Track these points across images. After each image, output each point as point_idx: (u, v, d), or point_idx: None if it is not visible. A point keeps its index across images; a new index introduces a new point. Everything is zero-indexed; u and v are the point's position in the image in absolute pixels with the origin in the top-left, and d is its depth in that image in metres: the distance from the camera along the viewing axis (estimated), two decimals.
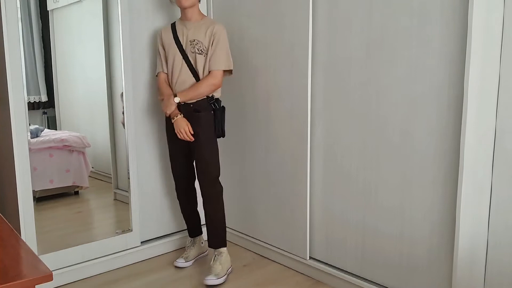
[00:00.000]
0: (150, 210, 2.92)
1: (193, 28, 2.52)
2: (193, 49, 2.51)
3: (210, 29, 2.50)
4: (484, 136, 1.87)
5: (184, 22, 2.56)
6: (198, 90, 2.48)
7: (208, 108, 2.53)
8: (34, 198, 2.40)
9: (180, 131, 2.48)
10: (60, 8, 2.73)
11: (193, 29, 2.52)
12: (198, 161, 2.58)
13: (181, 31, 2.55)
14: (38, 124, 2.74)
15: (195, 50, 2.50)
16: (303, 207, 2.58)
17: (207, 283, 2.52)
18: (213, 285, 2.52)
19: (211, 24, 2.52)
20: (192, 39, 2.51)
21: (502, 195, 1.88)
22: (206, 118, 2.52)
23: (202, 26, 2.53)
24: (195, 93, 2.49)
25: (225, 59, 2.52)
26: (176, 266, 2.74)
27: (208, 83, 2.49)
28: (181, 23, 2.57)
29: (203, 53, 2.50)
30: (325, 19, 2.37)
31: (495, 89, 1.85)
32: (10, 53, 2.25)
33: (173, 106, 2.48)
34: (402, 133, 2.11)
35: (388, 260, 2.24)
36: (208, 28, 2.50)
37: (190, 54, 2.52)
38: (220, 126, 2.56)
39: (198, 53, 2.50)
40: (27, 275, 1.11)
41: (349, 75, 2.30)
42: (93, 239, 2.68)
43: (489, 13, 1.80)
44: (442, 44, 1.92)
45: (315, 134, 2.49)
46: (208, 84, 2.49)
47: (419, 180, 2.07)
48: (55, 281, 2.44)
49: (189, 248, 2.83)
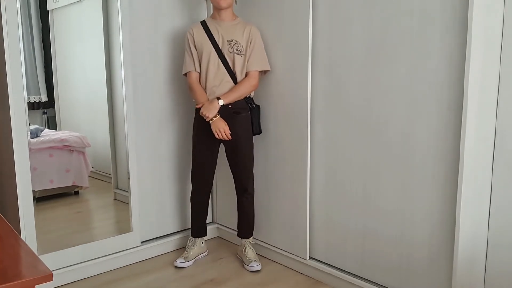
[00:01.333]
0: (150, 210, 2.92)
1: (229, 28, 2.55)
2: (231, 49, 2.53)
3: (247, 30, 2.55)
4: (484, 137, 1.87)
5: (217, 21, 2.58)
6: (239, 92, 2.54)
7: (245, 109, 2.60)
8: (34, 198, 2.40)
9: (220, 131, 2.51)
10: (60, 8, 2.73)
11: (229, 29, 2.55)
12: (239, 160, 2.66)
13: (215, 30, 2.56)
14: (38, 124, 2.74)
15: (233, 50, 2.53)
16: (303, 207, 2.58)
17: (255, 269, 2.67)
18: (259, 270, 2.68)
19: (247, 25, 2.57)
20: (230, 39, 2.53)
21: (502, 195, 1.88)
22: (245, 118, 2.61)
23: (238, 26, 2.56)
24: (238, 95, 2.54)
25: (262, 60, 2.58)
26: (176, 266, 2.75)
27: (249, 85, 2.56)
28: (214, 22, 2.58)
29: (241, 53, 2.54)
30: (325, 19, 2.37)
31: (495, 89, 1.85)
32: (10, 53, 2.25)
33: (216, 110, 2.51)
34: (402, 134, 2.11)
35: (388, 261, 2.24)
36: (245, 29, 2.55)
37: (227, 54, 2.54)
38: (257, 124, 2.65)
39: (236, 53, 2.53)
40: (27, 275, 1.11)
41: (349, 75, 2.30)
42: (93, 239, 2.68)
43: (489, 13, 1.80)
44: (442, 44, 1.92)
45: (315, 134, 2.49)
46: (249, 85, 2.56)
47: (419, 181, 2.07)
48: (55, 281, 2.44)
49: (189, 248, 2.83)
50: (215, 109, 2.50)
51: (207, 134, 2.58)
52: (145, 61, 2.78)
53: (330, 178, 2.46)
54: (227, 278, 2.62)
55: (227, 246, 3.05)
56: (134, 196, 2.79)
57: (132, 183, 2.77)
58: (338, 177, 2.42)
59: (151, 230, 2.93)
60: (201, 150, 2.68)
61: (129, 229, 2.79)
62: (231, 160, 2.71)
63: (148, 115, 2.84)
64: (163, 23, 2.82)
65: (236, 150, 2.64)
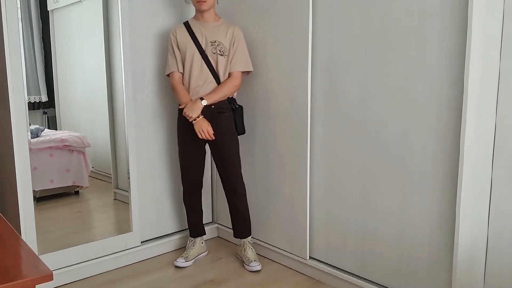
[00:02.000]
0: (150, 210, 2.92)
1: (212, 29, 2.56)
2: (214, 50, 2.54)
3: (230, 31, 2.56)
4: (483, 136, 1.87)
5: (201, 22, 2.59)
6: (222, 93, 2.55)
7: (229, 108, 2.61)
8: (34, 198, 2.40)
9: (202, 131, 2.51)
10: (60, 8, 2.74)
11: (212, 30, 2.56)
12: (225, 159, 2.65)
13: (198, 31, 2.57)
14: (39, 124, 2.75)
15: (216, 51, 2.54)
16: (303, 207, 2.59)
17: (255, 269, 2.67)
18: (259, 270, 2.68)
19: (230, 26, 2.59)
20: (213, 40, 2.54)
21: (502, 196, 1.88)
22: (229, 118, 2.62)
23: (221, 27, 2.57)
24: (221, 95, 2.55)
25: (245, 61, 2.60)
26: (176, 265, 2.75)
27: (232, 85, 2.57)
28: (197, 23, 2.59)
29: (224, 54, 2.55)
30: (325, 19, 2.37)
31: (495, 89, 1.85)
32: (11, 53, 2.25)
33: (199, 110, 2.51)
34: (401, 133, 2.11)
35: (387, 261, 2.24)
36: (228, 30, 2.56)
37: (211, 55, 2.55)
38: (240, 124, 2.66)
39: (219, 54, 2.54)
40: (27, 275, 1.11)
41: (349, 75, 2.30)
42: (93, 239, 2.68)
43: (488, 13, 1.80)
44: (442, 44, 1.92)
45: (315, 134, 2.50)
46: (232, 86, 2.57)
47: (418, 181, 2.07)
48: (55, 281, 2.44)
49: (189, 248, 2.83)
50: (199, 109, 2.50)
51: (191, 135, 2.58)
52: (145, 61, 2.79)
53: (330, 178, 2.46)
54: (227, 278, 2.62)
55: (227, 246, 3.05)
56: (134, 196, 2.79)
57: (132, 183, 2.77)
58: (338, 177, 2.42)
59: (151, 230, 2.93)
60: (187, 151, 2.68)
61: (129, 229, 2.79)
62: (217, 161, 2.71)
63: (148, 115, 2.85)
64: (163, 23, 2.83)
65: (222, 149, 2.64)
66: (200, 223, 2.87)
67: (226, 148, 2.63)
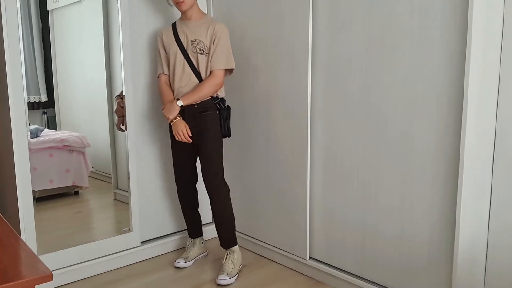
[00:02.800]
0: (150, 210, 2.92)
1: (194, 28, 2.51)
2: (194, 49, 2.49)
3: (211, 28, 2.48)
4: (484, 136, 1.87)
5: (184, 21, 2.55)
6: (201, 92, 2.46)
7: (213, 108, 2.51)
8: (34, 198, 2.40)
9: (178, 133, 2.46)
10: (60, 8, 2.73)
11: (193, 28, 2.51)
12: (205, 161, 2.55)
13: (181, 31, 2.53)
14: (38, 124, 2.74)
15: (196, 50, 2.49)
16: (303, 207, 2.58)
17: (220, 283, 2.51)
18: (226, 284, 2.51)
19: (211, 23, 2.50)
20: (193, 39, 2.49)
21: (502, 195, 1.88)
22: (212, 117, 2.51)
23: (203, 25, 2.51)
24: (198, 95, 2.47)
25: (226, 58, 2.50)
26: (176, 266, 2.74)
27: (210, 84, 2.47)
28: (181, 23, 2.56)
29: (204, 53, 2.48)
30: (325, 19, 2.37)
31: (495, 88, 1.85)
32: (10, 53, 2.25)
33: (176, 111, 2.46)
34: (402, 133, 2.11)
35: (388, 260, 2.24)
36: (209, 28, 2.49)
37: (191, 54, 2.50)
38: (226, 125, 2.55)
39: (199, 53, 2.49)
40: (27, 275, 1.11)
41: (349, 75, 2.30)
42: (93, 239, 2.68)
43: (489, 13, 1.80)
44: (442, 43, 1.92)
45: (315, 134, 2.49)
46: (211, 84, 2.47)
47: (419, 180, 2.07)
48: (55, 281, 2.44)
49: (189, 248, 2.82)
50: (175, 111, 2.45)
51: None
52: (145, 61, 2.78)
53: (330, 178, 2.46)
54: None
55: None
56: (134, 196, 2.79)
57: (132, 183, 2.77)
58: (338, 177, 2.42)
59: (151, 230, 2.93)
60: (177, 152, 2.64)
61: (129, 229, 2.79)
62: (201, 163, 2.59)
63: (148, 115, 2.85)
64: (163, 22, 2.82)
65: (202, 150, 2.54)
66: (197, 224, 2.84)
67: (206, 148, 2.53)
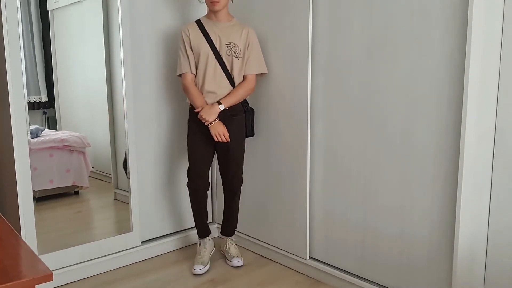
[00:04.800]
0: (150, 210, 2.92)
1: (226, 30, 2.51)
2: (229, 52, 2.50)
3: (244, 32, 2.52)
4: (484, 136, 1.87)
5: (213, 22, 2.53)
6: (238, 96, 2.54)
7: (241, 112, 2.61)
8: (34, 198, 2.40)
9: (219, 134, 2.49)
10: (60, 8, 2.73)
11: (226, 30, 2.51)
12: (230, 162, 2.64)
13: (212, 31, 2.51)
14: (38, 124, 2.74)
15: (231, 53, 2.50)
16: (303, 207, 2.59)
17: (238, 265, 2.73)
18: (241, 265, 2.74)
19: (244, 27, 2.55)
20: (228, 41, 2.49)
21: (502, 194, 1.88)
22: (240, 120, 2.62)
23: (235, 28, 2.53)
24: (237, 99, 2.54)
25: (261, 63, 2.59)
26: (196, 274, 2.63)
27: (246, 88, 2.56)
28: (210, 23, 2.53)
29: (238, 56, 2.51)
30: (325, 19, 2.37)
31: (495, 88, 1.85)
32: (10, 53, 2.25)
33: (216, 114, 2.49)
34: (402, 133, 2.11)
35: (388, 259, 2.24)
36: (242, 31, 2.52)
37: (225, 57, 2.51)
38: (250, 126, 2.67)
39: (234, 56, 2.50)
40: (27, 275, 1.11)
41: (349, 75, 2.30)
42: (93, 239, 2.68)
43: (489, 13, 1.80)
44: (442, 44, 1.92)
45: (315, 134, 2.50)
46: (246, 89, 2.56)
47: (419, 180, 2.08)
48: (55, 281, 2.44)
49: (202, 251, 2.74)
50: (216, 114, 2.48)
51: (205, 136, 2.55)
52: (145, 61, 2.79)
53: (330, 178, 2.46)
54: (227, 278, 2.62)
55: None
56: (134, 196, 2.79)
57: (132, 183, 2.77)
58: (338, 177, 2.42)
59: (151, 230, 2.93)
60: (198, 151, 2.63)
61: (129, 229, 2.79)
62: (222, 162, 2.68)
63: (148, 115, 2.85)
64: (163, 22, 2.82)
65: (230, 152, 2.61)
66: (205, 221, 2.81)
67: (234, 151, 2.62)
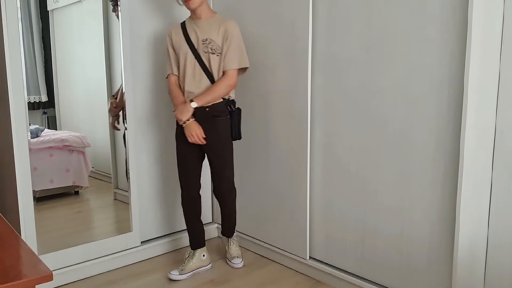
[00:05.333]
0: (150, 210, 2.92)
1: (205, 26, 2.44)
2: (206, 49, 2.42)
3: (222, 27, 2.42)
4: (484, 136, 1.87)
5: (194, 20, 2.48)
6: (215, 93, 2.42)
7: (225, 112, 2.48)
8: (34, 198, 2.40)
9: (192, 135, 2.41)
10: (60, 8, 2.73)
11: (204, 27, 2.44)
12: (217, 167, 2.56)
13: (192, 30, 2.46)
14: (38, 124, 2.74)
15: (208, 49, 2.42)
16: (303, 207, 2.59)
17: (238, 266, 2.71)
18: (241, 266, 2.71)
19: (223, 22, 2.44)
20: (204, 38, 2.42)
21: (502, 195, 1.88)
22: (224, 122, 2.48)
23: (214, 24, 2.44)
24: (212, 96, 2.42)
25: (239, 58, 2.45)
26: (169, 278, 2.57)
27: (224, 84, 2.42)
28: (191, 22, 2.49)
29: (216, 52, 2.42)
30: (325, 19, 2.37)
31: (495, 88, 1.85)
32: (10, 53, 2.25)
33: (189, 113, 2.40)
34: (401, 133, 2.11)
35: (387, 260, 2.24)
36: (220, 26, 2.42)
37: (203, 54, 2.43)
38: (236, 129, 2.52)
39: (211, 52, 2.41)
40: (27, 275, 1.11)
41: (349, 75, 2.30)
42: (93, 239, 2.68)
43: (489, 12, 1.80)
44: (442, 43, 1.92)
45: (315, 134, 2.50)
46: (224, 85, 2.42)
47: (418, 180, 2.08)
48: (55, 281, 2.44)
49: (186, 259, 2.65)
50: (188, 112, 2.40)
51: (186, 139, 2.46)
52: (145, 61, 2.79)
53: (330, 177, 2.46)
54: (227, 278, 2.62)
55: None
56: (134, 196, 2.79)
57: (132, 183, 2.78)
58: (337, 176, 2.42)
59: (151, 230, 2.93)
60: (184, 154, 2.56)
61: (129, 229, 2.79)
62: (210, 165, 2.60)
63: (148, 115, 2.85)
64: (163, 23, 2.82)
65: (215, 154, 2.53)
66: (198, 233, 2.68)
67: (219, 154, 2.53)
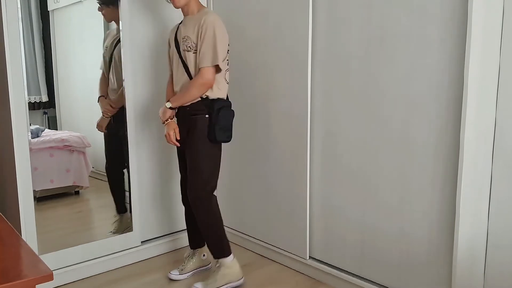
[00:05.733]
0: (150, 210, 2.92)
1: (188, 23, 2.36)
2: (184, 47, 2.34)
3: (198, 22, 2.27)
4: (483, 135, 1.87)
5: (184, 18, 2.43)
6: (188, 93, 2.30)
7: (203, 111, 2.33)
8: (35, 198, 2.40)
9: (166, 135, 2.37)
10: (60, 8, 2.73)
11: (187, 24, 2.36)
12: (190, 169, 2.39)
13: (181, 28, 2.42)
14: (39, 124, 2.74)
15: (185, 47, 2.32)
16: (303, 206, 2.59)
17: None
18: None
19: (201, 17, 2.28)
20: (184, 35, 2.35)
21: (502, 194, 1.88)
22: (201, 122, 2.33)
23: (194, 20, 2.32)
24: (186, 97, 2.31)
25: (211, 54, 2.25)
26: (169, 278, 2.59)
27: (197, 83, 2.27)
28: (184, 20, 2.45)
29: (192, 49, 2.30)
30: (325, 19, 2.37)
31: (494, 88, 1.85)
32: (11, 53, 2.25)
33: (167, 113, 2.36)
34: (401, 132, 2.11)
35: (387, 259, 2.24)
36: (198, 22, 2.28)
37: (182, 52, 2.35)
38: (213, 131, 2.32)
39: (187, 50, 2.31)
40: (28, 274, 1.11)
41: (349, 75, 2.30)
42: (93, 239, 2.68)
43: (488, 13, 1.80)
44: (442, 43, 1.93)
45: (315, 134, 2.50)
46: (197, 84, 2.27)
47: (418, 179, 2.08)
48: (55, 281, 2.44)
49: (186, 259, 2.66)
50: (166, 113, 2.36)
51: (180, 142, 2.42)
52: (145, 60, 2.79)
53: (330, 177, 2.46)
54: None
55: None
56: (134, 196, 2.79)
57: (132, 183, 2.78)
58: (337, 176, 2.42)
59: (151, 230, 2.94)
60: (178, 157, 2.55)
61: (129, 229, 2.79)
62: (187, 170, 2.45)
63: (148, 115, 2.85)
64: (163, 22, 2.83)
65: (188, 157, 2.40)
66: (198, 234, 2.61)
67: (191, 156, 2.37)
